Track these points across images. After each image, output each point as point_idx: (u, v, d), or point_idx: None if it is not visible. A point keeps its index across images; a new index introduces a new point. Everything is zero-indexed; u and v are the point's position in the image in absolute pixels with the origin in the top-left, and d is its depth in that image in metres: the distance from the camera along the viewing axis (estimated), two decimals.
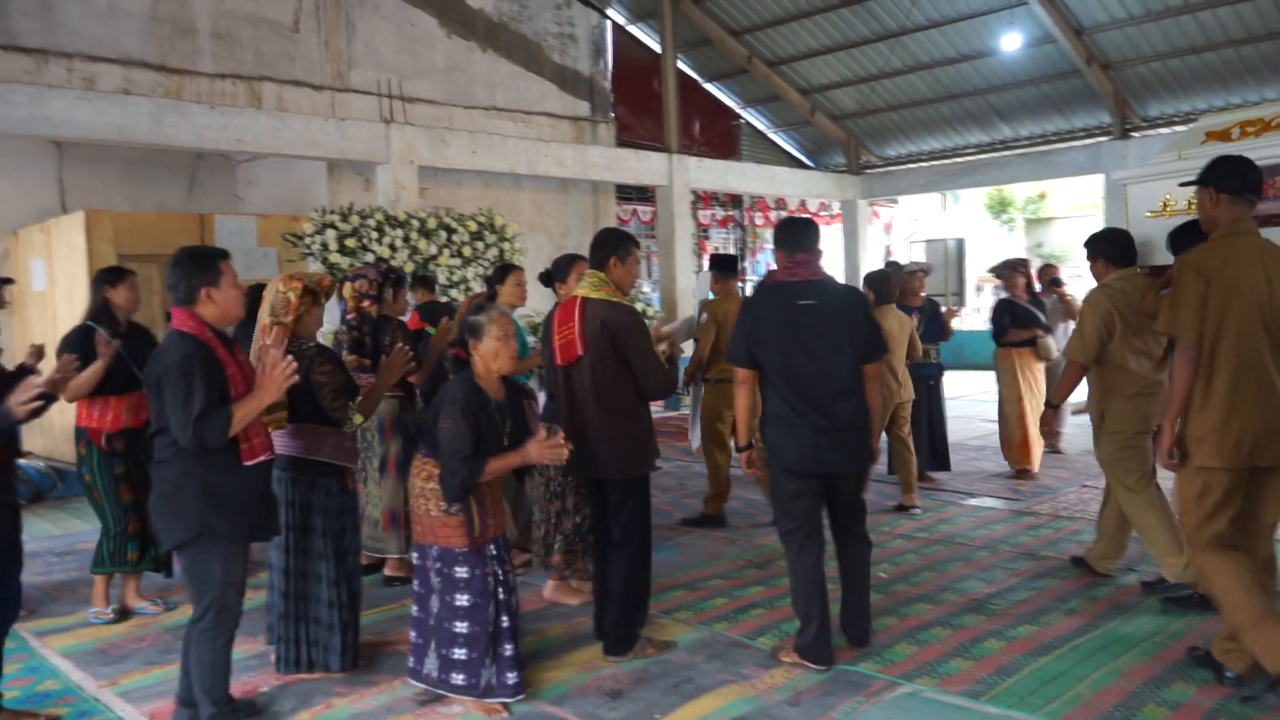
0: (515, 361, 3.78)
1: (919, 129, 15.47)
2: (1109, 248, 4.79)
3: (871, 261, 16.12)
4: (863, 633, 4.15)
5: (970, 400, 12.32)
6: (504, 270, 5.56)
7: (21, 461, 7.49)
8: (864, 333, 3.90)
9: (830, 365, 3.85)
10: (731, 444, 6.45)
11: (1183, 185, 4.25)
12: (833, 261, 16.15)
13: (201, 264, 3.42)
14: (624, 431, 4.05)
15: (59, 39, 9.11)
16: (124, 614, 5.11)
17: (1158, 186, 5.27)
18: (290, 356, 3.57)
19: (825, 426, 3.82)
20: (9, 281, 5.78)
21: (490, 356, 3.66)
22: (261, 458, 3.42)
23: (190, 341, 3.33)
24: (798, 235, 4.00)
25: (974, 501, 7.00)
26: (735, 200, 17.50)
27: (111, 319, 4.94)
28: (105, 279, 4.99)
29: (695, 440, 6.65)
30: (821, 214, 17.79)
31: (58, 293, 9.04)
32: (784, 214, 17.58)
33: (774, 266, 4.44)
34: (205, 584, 3.39)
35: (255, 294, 5.78)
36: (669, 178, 13.17)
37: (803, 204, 17.61)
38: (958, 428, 9.79)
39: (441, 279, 9.05)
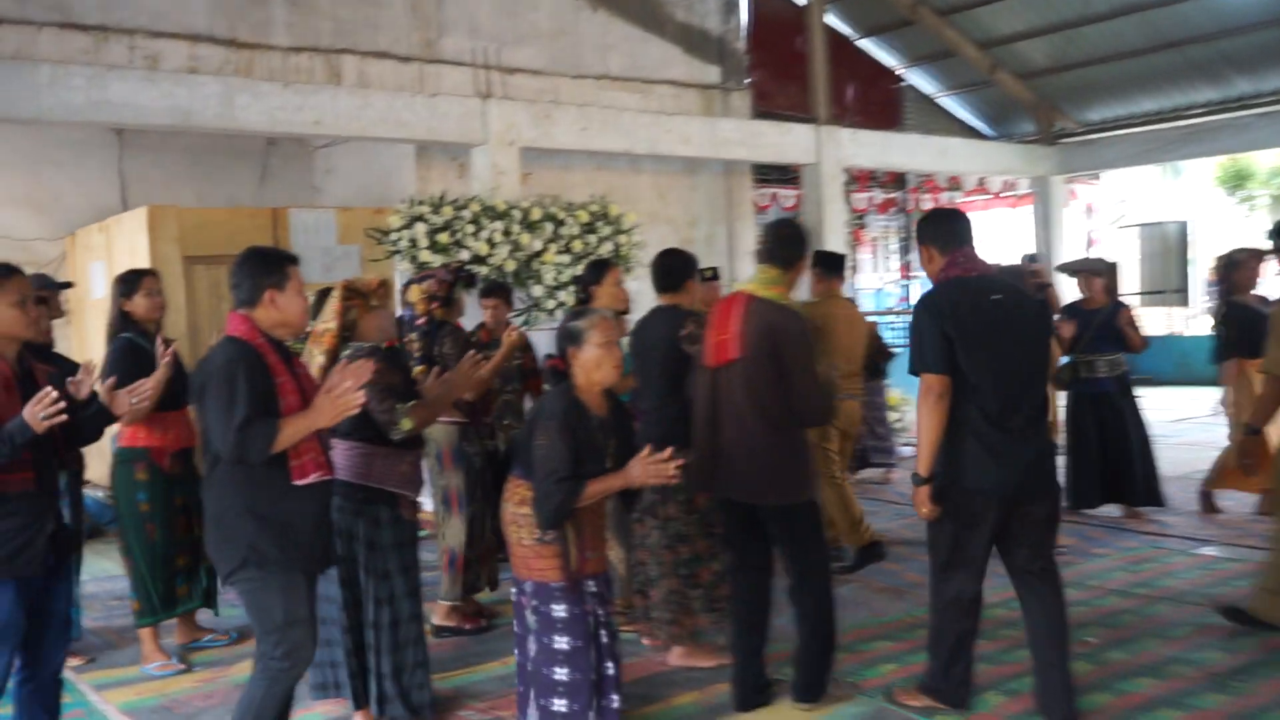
0: (620, 372, 3.88)
1: (1129, 87, 14.96)
2: None
3: (1070, 252, 15.62)
4: (1068, 713, 4.03)
5: (1199, 423, 11.79)
6: (600, 267, 5.62)
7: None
8: (1050, 333, 4.23)
9: (1028, 370, 4.02)
10: (836, 471, 6.43)
11: None
12: (1022, 252, 15.71)
13: (269, 264, 3.59)
14: (781, 446, 4.19)
15: (119, 14, 9.60)
16: (185, 659, 5.34)
17: None
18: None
19: (1028, 439, 3.97)
20: (67, 286, 6.11)
21: (592, 366, 3.79)
22: (313, 476, 3.52)
23: (238, 346, 3.48)
24: (956, 228, 4.17)
25: (1210, 550, 6.70)
26: (898, 180, 17.25)
27: (139, 333, 5.17)
28: (119, 291, 5.24)
29: None
30: (1005, 195, 17.38)
31: None
32: (958, 196, 17.27)
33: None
34: (266, 622, 3.50)
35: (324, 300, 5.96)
36: (817, 154, 13.04)
37: (981, 183, 17.21)
38: (1179, 456, 9.47)
39: (548, 279, 9.16)
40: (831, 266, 6.80)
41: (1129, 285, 16.13)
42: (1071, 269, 8.16)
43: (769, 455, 4.21)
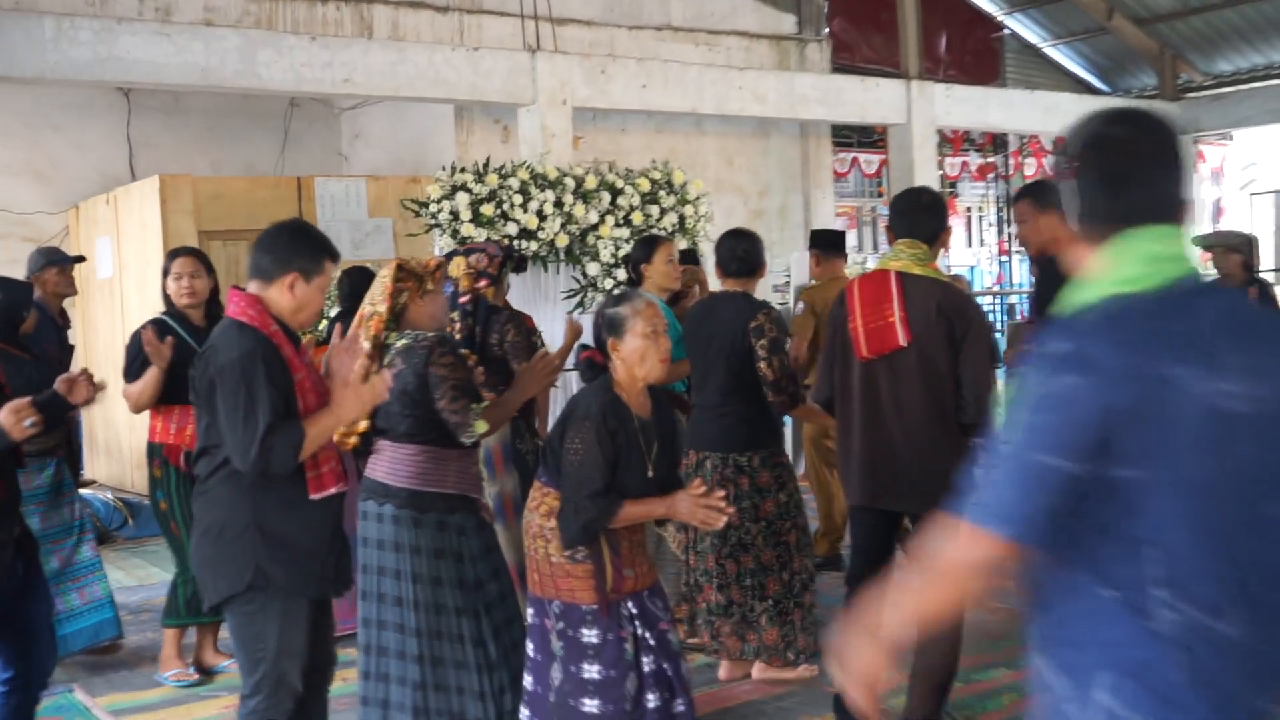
0: (667, 365, 3.80)
1: (1265, 34, 14.72)
2: None
3: (1196, 224, 15.37)
4: None
5: None
6: (650, 243, 5.61)
7: (85, 492, 7.98)
8: None
9: None
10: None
11: None
12: None
13: (308, 246, 3.50)
14: (954, 446, 4.13)
15: None
16: (204, 672, 5.43)
17: None
18: (385, 367, 3.68)
19: None
20: (79, 260, 6.22)
21: (635, 359, 3.68)
22: (332, 490, 3.47)
23: (251, 336, 3.35)
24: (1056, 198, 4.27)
25: None
26: (997, 142, 17.07)
27: (174, 316, 5.26)
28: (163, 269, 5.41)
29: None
30: None
31: (127, 280, 9.61)
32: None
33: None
34: (255, 651, 3.45)
35: (356, 281, 5.96)
36: (906, 113, 12.91)
37: None
38: None
39: (605, 255, 9.12)
40: (830, 246, 6.92)
41: (1266, 261, 15.84)
42: (1205, 243, 8.02)
43: (941, 457, 4.12)
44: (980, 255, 18.68)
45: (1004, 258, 17.94)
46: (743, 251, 5.13)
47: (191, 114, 11.05)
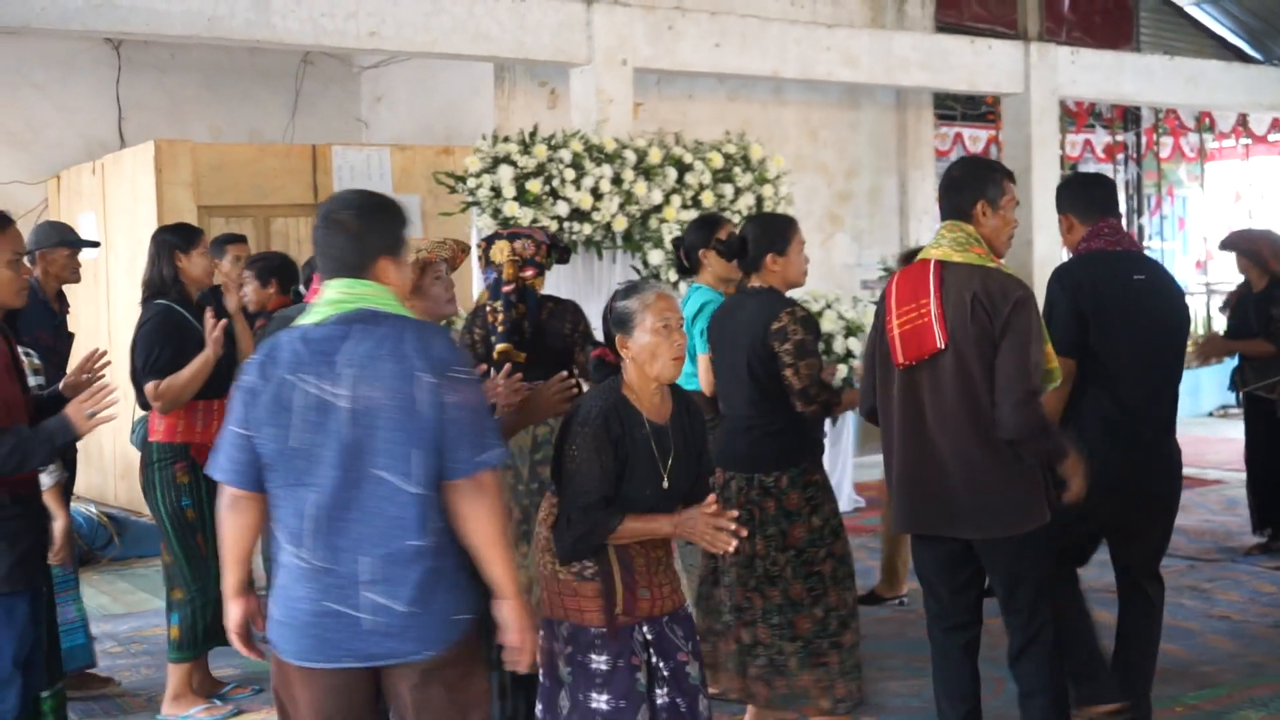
0: (681, 364, 3.89)
1: None
2: None
3: None
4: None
5: None
6: (708, 225, 5.65)
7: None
8: (1188, 327, 5.02)
9: (1161, 360, 4.79)
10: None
11: None
12: None
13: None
14: (1005, 460, 4.23)
15: None
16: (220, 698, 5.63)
17: None
18: None
19: (1146, 437, 4.77)
20: (93, 245, 6.44)
21: (646, 357, 3.78)
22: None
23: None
24: (1099, 195, 5.00)
25: None
26: (1127, 117, 16.93)
27: (179, 300, 5.41)
28: (173, 243, 5.60)
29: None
30: (1276, 138, 16.97)
31: (114, 260, 9.73)
32: (1210, 139, 16.93)
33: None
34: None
35: None
36: (1024, 80, 12.85)
37: (1243, 123, 16.84)
38: None
39: (669, 242, 9.13)
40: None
41: None
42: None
43: (991, 473, 4.25)
44: None
45: None
46: (767, 232, 5.05)
47: (190, 71, 11.15)
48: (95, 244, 6.99)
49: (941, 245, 4.33)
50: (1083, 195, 4.98)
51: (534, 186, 8.74)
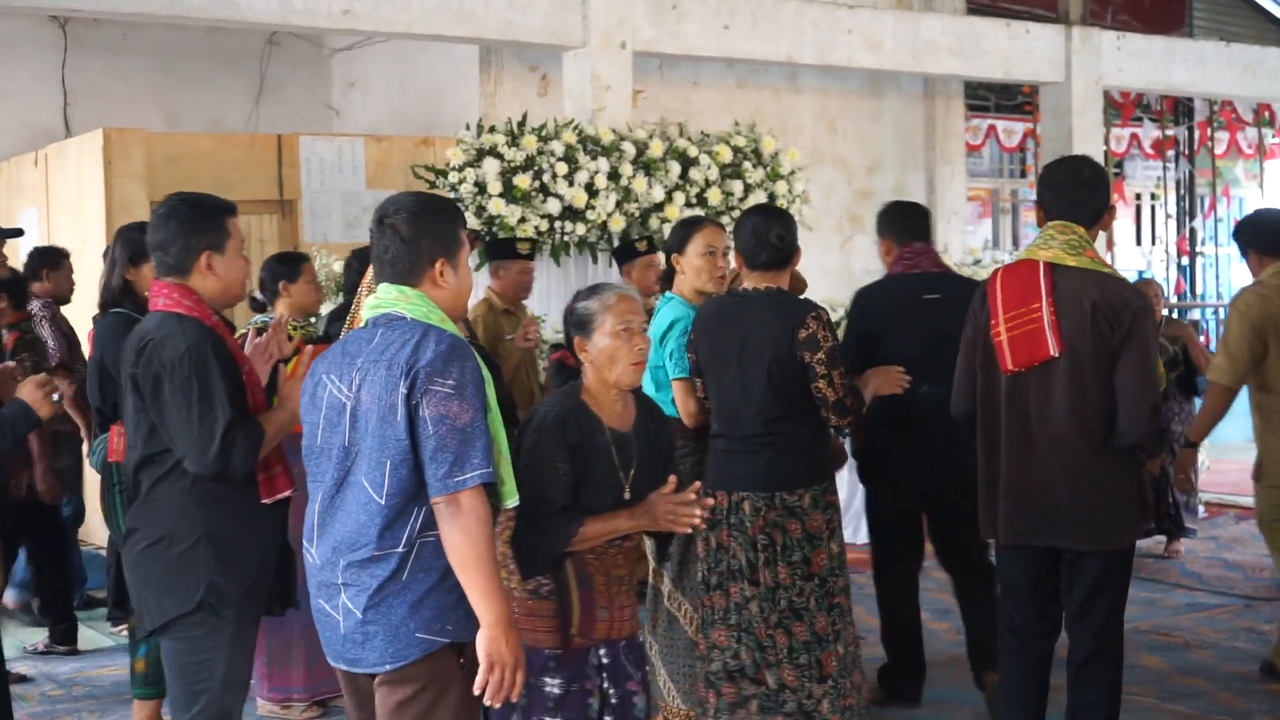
0: (641, 369, 4.04)
1: None
2: (1258, 235, 6.30)
3: None
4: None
5: None
6: (686, 227, 5.67)
7: None
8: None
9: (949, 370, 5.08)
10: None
11: None
12: None
13: (202, 219, 4.05)
14: (1116, 474, 4.63)
15: None
16: None
17: None
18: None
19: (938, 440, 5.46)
20: (14, 234, 6.50)
21: (604, 361, 3.97)
22: (285, 493, 4.11)
23: (195, 327, 3.93)
24: (913, 223, 5.91)
25: None
26: (1179, 109, 16.99)
27: (137, 309, 5.46)
28: (123, 252, 5.64)
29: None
30: None
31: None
32: (1269, 135, 16.99)
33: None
34: (197, 682, 3.95)
35: (367, 264, 6.14)
36: (1065, 68, 12.93)
37: None
38: None
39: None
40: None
41: None
42: None
43: (1101, 485, 4.63)
44: (1153, 256, 18.33)
45: (1185, 260, 17.73)
46: (776, 237, 5.10)
47: (143, 53, 11.17)
48: (18, 233, 7.06)
49: (1052, 247, 4.58)
50: (899, 221, 5.98)
51: (522, 182, 8.77)
